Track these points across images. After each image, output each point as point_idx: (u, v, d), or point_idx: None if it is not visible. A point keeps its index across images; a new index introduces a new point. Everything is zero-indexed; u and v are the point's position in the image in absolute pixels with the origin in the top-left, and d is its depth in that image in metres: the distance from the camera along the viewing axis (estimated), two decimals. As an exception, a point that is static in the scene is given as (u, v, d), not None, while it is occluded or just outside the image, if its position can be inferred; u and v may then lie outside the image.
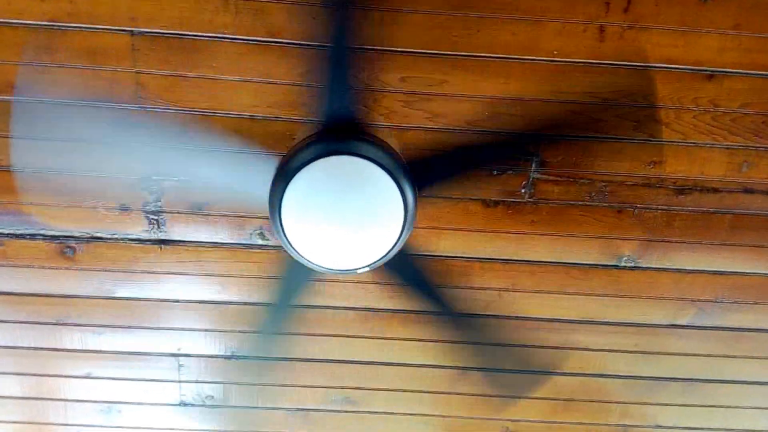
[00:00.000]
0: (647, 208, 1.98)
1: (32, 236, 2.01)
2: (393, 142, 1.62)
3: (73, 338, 2.22)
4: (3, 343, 2.23)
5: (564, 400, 2.36)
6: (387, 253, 1.55)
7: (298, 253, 1.54)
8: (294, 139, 1.81)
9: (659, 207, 1.98)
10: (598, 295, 2.13)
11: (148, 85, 1.78)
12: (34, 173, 1.90)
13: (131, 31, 1.71)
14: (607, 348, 2.24)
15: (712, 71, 1.80)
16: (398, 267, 1.72)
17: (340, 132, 1.52)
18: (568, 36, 1.74)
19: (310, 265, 1.56)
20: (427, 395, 2.33)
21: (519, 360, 2.21)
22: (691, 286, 2.13)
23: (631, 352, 2.25)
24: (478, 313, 2.12)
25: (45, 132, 1.83)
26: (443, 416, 2.39)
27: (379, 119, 1.83)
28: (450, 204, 1.96)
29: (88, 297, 2.13)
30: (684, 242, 2.04)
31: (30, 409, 2.39)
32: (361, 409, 2.36)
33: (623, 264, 2.08)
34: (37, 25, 1.71)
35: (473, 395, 2.33)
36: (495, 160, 1.89)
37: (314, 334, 2.21)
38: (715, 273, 2.11)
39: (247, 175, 1.59)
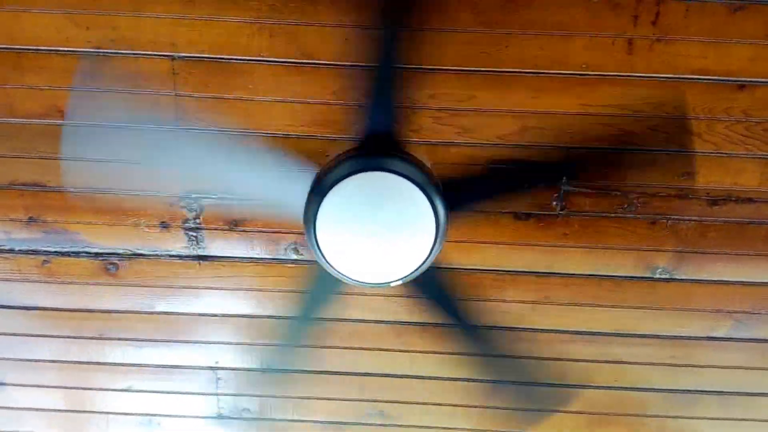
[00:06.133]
0: (681, 220, 1.97)
1: (77, 254, 2.09)
2: (424, 158, 1.65)
3: (114, 352, 2.28)
4: (48, 357, 2.30)
5: (600, 413, 2.33)
6: (419, 267, 1.57)
7: (333, 267, 1.57)
8: (327, 156, 1.85)
9: (693, 218, 1.97)
10: (633, 308, 2.12)
11: (187, 107, 1.84)
12: (79, 193, 1.98)
13: (172, 56, 1.79)
14: (642, 361, 2.21)
15: (743, 81, 1.79)
16: (423, 282, 1.74)
17: (373, 148, 1.56)
18: (597, 49, 1.76)
19: (344, 279, 1.59)
20: (460, 409, 2.33)
21: (536, 373, 2.20)
22: (728, 298, 2.10)
23: (667, 364, 2.22)
24: (497, 326, 2.10)
25: (90, 154, 1.91)
26: (476, 430, 2.38)
27: (409, 135, 1.86)
28: (481, 217, 1.98)
29: (129, 312, 2.19)
30: (719, 253, 2.02)
31: (73, 422, 2.45)
32: (394, 423, 2.37)
33: (658, 276, 2.06)
34: (84, 52, 1.79)
35: (507, 409, 2.32)
36: (527, 183, 1.89)
37: (347, 348, 2.23)
38: (751, 284, 2.08)
39: (284, 190, 1.63)
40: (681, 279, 2.06)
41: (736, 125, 1.84)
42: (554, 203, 1.95)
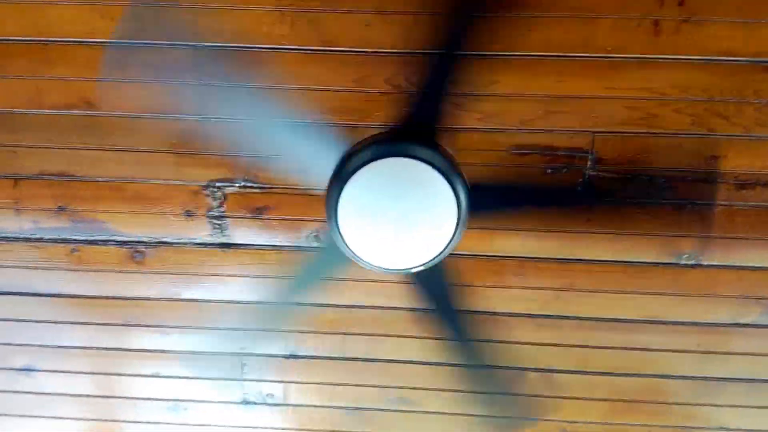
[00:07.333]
0: (707, 204, 1.94)
1: (104, 242, 2.13)
2: (445, 144, 1.65)
3: (141, 339, 2.32)
4: (78, 344, 2.35)
5: (624, 401, 2.31)
6: (440, 253, 1.57)
7: (354, 254, 1.58)
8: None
9: (720, 203, 1.93)
10: (659, 294, 2.09)
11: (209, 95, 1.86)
12: (107, 182, 2.02)
13: (194, 45, 1.80)
14: (668, 348, 2.18)
15: (774, 62, 1.75)
16: (428, 287, 1.74)
17: (396, 135, 1.55)
18: (622, 32, 1.73)
19: (365, 265, 1.60)
20: (482, 395, 2.33)
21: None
22: (756, 284, 2.06)
23: (693, 351, 2.19)
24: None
25: (117, 143, 1.94)
26: (498, 417, 2.38)
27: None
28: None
29: (155, 299, 2.23)
30: (747, 238, 1.98)
31: (102, 407, 2.50)
32: (416, 409, 2.38)
33: (684, 262, 2.03)
34: (110, 43, 1.81)
35: (530, 396, 2.31)
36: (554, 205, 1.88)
37: (370, 334, 2.24)
38: (780, 270, 2.04)
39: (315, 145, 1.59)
40: (708, 265, 2.03)
41: (766, 107, 1.80)
42: (578, 188, 1.93)
